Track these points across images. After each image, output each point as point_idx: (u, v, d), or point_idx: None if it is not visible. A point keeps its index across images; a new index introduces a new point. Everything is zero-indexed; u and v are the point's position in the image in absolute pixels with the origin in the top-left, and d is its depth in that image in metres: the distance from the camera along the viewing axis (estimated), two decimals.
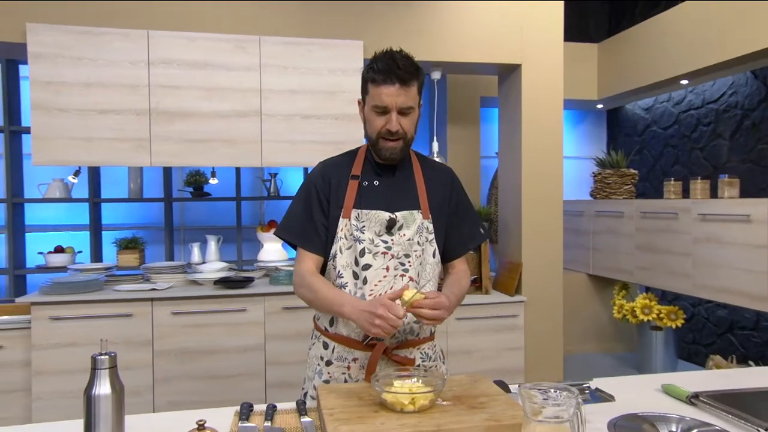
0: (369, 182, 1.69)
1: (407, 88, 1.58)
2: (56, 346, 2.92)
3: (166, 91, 3.13)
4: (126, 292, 3.03)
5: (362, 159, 1.73)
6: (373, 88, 1.60)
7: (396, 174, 1.71)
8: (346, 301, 1.53)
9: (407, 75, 1.57)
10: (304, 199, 1.71)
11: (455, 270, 1.79)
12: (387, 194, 1.68)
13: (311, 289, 1.61)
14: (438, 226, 1.72)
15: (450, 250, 1.78)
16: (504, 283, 3.73)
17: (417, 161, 1.78)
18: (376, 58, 1.60)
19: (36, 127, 2.99)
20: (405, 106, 1.59)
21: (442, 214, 1.74)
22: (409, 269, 1.65)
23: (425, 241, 1.69)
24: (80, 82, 3.03)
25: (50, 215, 4.11)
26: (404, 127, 1.62)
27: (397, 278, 1.64)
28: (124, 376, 3.03)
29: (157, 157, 3.13)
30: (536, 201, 3.63)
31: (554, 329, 3.68)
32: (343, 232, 1.65)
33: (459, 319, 3.47)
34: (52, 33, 2.99)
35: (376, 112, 1.60)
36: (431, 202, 1.72)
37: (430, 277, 1.69)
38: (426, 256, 1.69)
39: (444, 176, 1.79)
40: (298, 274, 1.66)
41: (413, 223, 1.67)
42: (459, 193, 1.80)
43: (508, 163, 3.82)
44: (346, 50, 3.32)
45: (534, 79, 3.60)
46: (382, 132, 1.61)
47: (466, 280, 1.76)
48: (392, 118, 1.59)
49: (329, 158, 1.78)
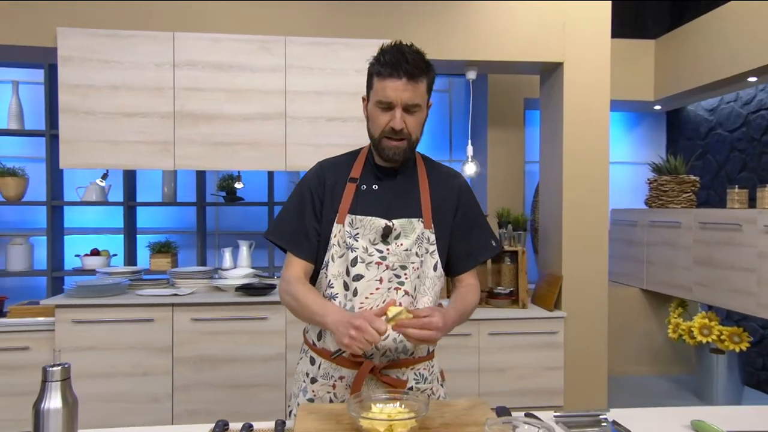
0: (368, 186, 1.59)
1: (415, 84, 1.47)
2: (78, 349, 2.96)
3: (191, 94, 3.14)
4: (147, 297, 3.04)
5: (363, 161, 1.63)
6: (378, 82, 1.50)
7: (398, 178, 1.60)
8: (331, 311, 1.43)
9: (416, 70, 1.47)
10: (297, 201, 1.62)
11: (462, 284, 1.66)
12: (386, 200, 1.58)
13: (295, 297, 1.52)
14: (441, 237, 1.60)
15: (457, 263, 1.65)
16: (543, 296, 3.53)
17: (423, 165, 1.66)
18: (383, 51, 1.50)
19: (64, 131, 3.05)
20: (411, 102, 1.48)
21: (447, 224, 1.62)
22: (405, 282, 1.53)
23: (425, 252, 1.57)
24: (107, 85, 3.08)
25: (90, 218, 4.22)
26: (409, 126, 1.51)
27: (392, 291, 1.52)
28: (143, 382, 3.07)
29: (181, 161, 3.14)
30: (579, 209, 3.41)
31: (598, 348, 3.45)
32: (336, 238, 1.56)
33: (492, 335, 3.30)
34: (81, 37, 3.05)
35: (380, 108, 1.50)
36: (435, 211, 1.60)
37: (428, 291, 1.57)
38: (425, 269, 1.57)
39: (451, 182, 1.66)
40: (284, 279, 1.58)
41: (412, 232, 1.55)
42: (468, 201, 1.67)
43: (548, 168, 3.62)
44: (373, 50, 3.19)
45: (577, 78, 3.40)
46: (386, 130, 1.50)
47: (472, 295, 1.62)
48: (396, 115, 1.48)
49: (328, 158, 1.69)
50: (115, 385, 2.99)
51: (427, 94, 1.53)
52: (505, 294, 3.47)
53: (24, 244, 3.89)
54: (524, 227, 3.56)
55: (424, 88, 1.50)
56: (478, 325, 3.29)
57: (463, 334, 3.26)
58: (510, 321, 3.33)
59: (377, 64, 1.49)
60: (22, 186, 3.86)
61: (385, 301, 1.51)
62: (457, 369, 3.27)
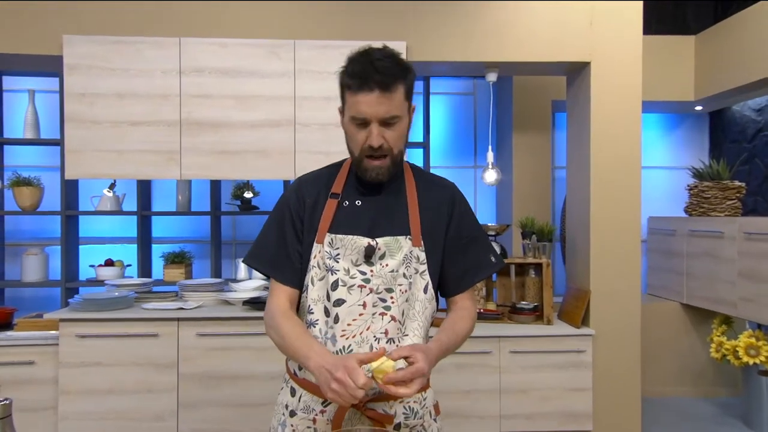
0: (350, 202, 1.48)
1: (389, 94, 1.35)
2: (82, 364, 2.94)
3: (198, 101, 3.09)
4: (152, 311, 3.00)
5: (345, 174, 1.52)
6: (349, 96, 1.38)
7: (383, 192, 1.49)
8: (314, 352, 1.31)
9: (389, 78, 1.34)
10: (277, 222, 1.52)
11: (456, 307, 1.53)
12: (369, 216, 1.46)
13: (279, 332, 1.41)
14: (433, 255, 1.48)
15: (451, 283, 1.52)
16: (569, 312, 3.35)
17: (411, 177, 1.54)
18: (350, 60, 1.38)
19: (69, 140, 3.04)
20: (388, 116, 1.36)
21: (439, 240, 1.49)
22: (392, 306, 1.41)
23: (414, 272, 1.45)
24: (113, 93, 3.05)
25: (106, 227, 4.23)
26: (389, 140, 1.39)
27: (376, 317, 1.41)
28: (147, 400, 3.02)
29: (188, 170, 3.09)
30: (608, 219, 3.23)
31: (630, 368, 3.25)
32: (316, 259, 1.45)
33: (514, 353, 3.14)
34: (87, 44, 3.04)
35: (356, 125, 1.39)
36: (425, 226, 1.48)
37: (418, 316, 1.45)
38: (414, 291, 1.45)
39: (443, 194, 1.54)
40: (267, 311, 1.48)
41: (398, 251, 1.43)
42: (463, 213, 1.54)
43: (575, 174, 3.45)
44: None
45: (605, 78, 3.22)
46: (365, 148, 1.39)
47: (465, 322, 1.49)
48: (373, 132, 1.37)
49: (309, 172, 1.59)
50: (119, 402, 2.95)
51: (407, 100, 1.42)
52: (529, 309, 3.30)
53: (39, 254, 3.91)
54: (549, 238, 3.39)
55: (402, 95, 1.38)
56: (498, 342, 3.14)
57: (482, 351, 3.12)
58: (534, 338, 3.17)
59: (346, 76, 1.38)
60: (38, 195, 3.89)
61: (369, 328, 1.40)
62: (476, 389, 3.12)
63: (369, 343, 1.39)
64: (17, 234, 4.18)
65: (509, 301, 3.45)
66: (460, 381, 3.12)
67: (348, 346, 1.39)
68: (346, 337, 1.40)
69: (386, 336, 1.40)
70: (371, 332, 1.40)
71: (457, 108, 4.53)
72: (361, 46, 1.40)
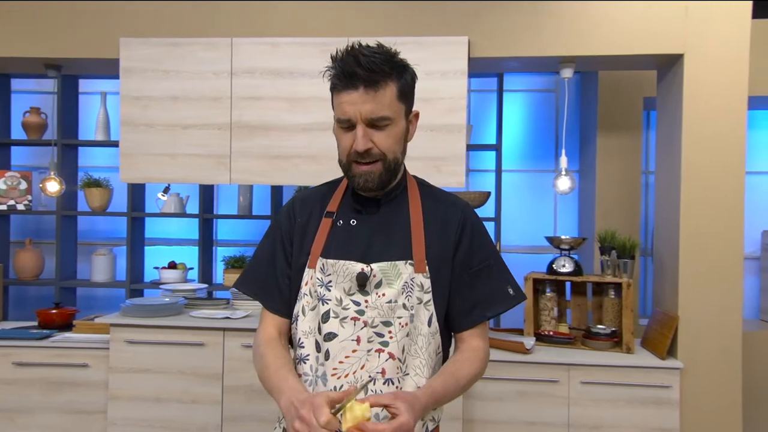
0: (345, 221, 1.34)
1: (376, 92, 1.23)
2: (130, 370, 2.98)
3: (248, 103, 3.05)
4: (199, 320, 2.99)
5: (342, 190, 1.38)
6: (335, 97, 1.29)
7: (381, 210, 1.33)
8: (288, 387, 1.20)
9: (374, 75, 1.23)
10: (268, 245, 1.42)
11: (463, 347, 1.34)
12: (364, 238, 1.31)
13: (261, 363, 1.31)
14: (439, 283, 1.30)
15: (458, 316, 1.34)
16: (654, 340, 3.01)
17: (417, 192, 1.37)
18: (336, 57, 1.28)
19: (124, 144, 3.10)
20: (375, 116, 1.23)
21: (446, 266, 1.32)
22: (390, 342, 1.26)
23: (417, 303, 1.28)
24: (166, 96, 3.08)
25: (173, 229, 4.34)
26: (379, 144, 1.25)
27: (372, 354, 1.26)
28: (191, 410, 3.01)
29: (237, 175, 3.06)
30: (702, 232, 2.86)
31: (728, 410, 2.87)
32: (308, 286, 1.32)
33: (586, 384, 2.86)
34: (143, 47, 3.08)
35: (342, 128, 1.27)
36: (431, 249, 1.31)
37: (421, 352, 1.28)
38: (417, 324, 1.28)
39: (452, 213, 1.36)
40: (254, 340, 1.38)
41: (397, 278, 1.27)
42: (474, 237, 1.35)
43: (664, 182, 3.10)
44: (447, 48, 2.94)
45: (701, 71, 2.86)
46: (352, 154, 1.26)
47: (470, 366, 1.30)
48: (358, 134, 1.24)
49: (308, 189, 1.48)
50: (165, 410, 2.97)
51: (402, 103, 1.26)
52: (606, 335, 3.00)
53: (107, 255, 4.06)
54: (632, 254, 3.06)
55: (392, 95, 1.24)
56: (568, 371, 2.87)
57: (549, 380, 2.86)
58: (610, 368, 2.86)
59: (332, 76, 1.28)
60: (107, 196, 4.03)
61: (363, 367, 1.25)
62: (541, 422, 2.86)
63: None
64: (90, 234, 4.37)
65: (584, 324, 3.16)
66: (523, 411, 2.88)
67: (340, 386, 1.25)
68: (338, 377, 1.26)
69: (383, 376, 1.25)
70: (366, 371, 1.25)
71: (537, 106, 4.24)
72: (350, 43, 1.26)
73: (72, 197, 4.12)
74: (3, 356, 3.06)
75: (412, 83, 1.35)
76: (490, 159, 4.00)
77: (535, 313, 3.14)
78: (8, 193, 4.02)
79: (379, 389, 1.24)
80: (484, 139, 4.07)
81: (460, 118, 2.94)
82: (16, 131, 4.18)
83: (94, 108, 4.18)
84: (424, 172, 3.06)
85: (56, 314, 3.32)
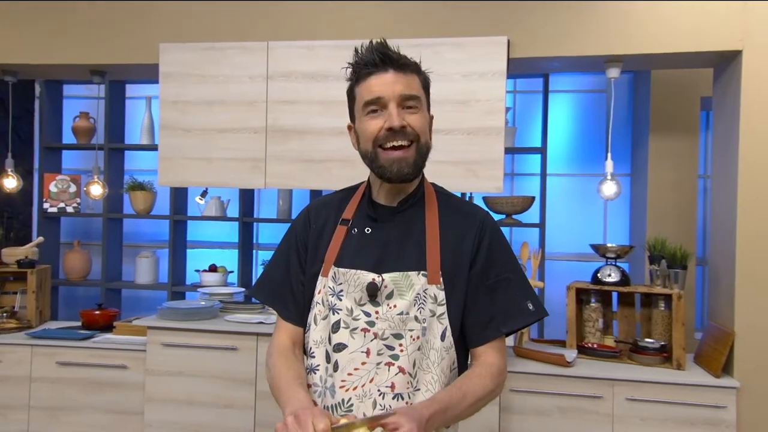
0: (359, 230, 1.31)
1: (405, 75, 1.26)
2: (166, 373, 3.03)
3: (283, 107, 3.06)
4: (233, 324, 3.02)
5: (359, 197, 1.35)
6: (361, 89, 1.29)
7: (396, 218, 1.30)
8: (293, 401, 1.17)
9: (404, 61, 1.27)
10: (283, 252, 1.41)
11: (478, 363, 1.28)
12: (378, 247, 1.28)
13: (272, 373, 1.29)
14: (455, 295, 1.26)
15: (473, 331, 1.29)
16: (707, 356, 2.84)
17: (434, 200, 1.33)
18: (357, 53, 1.32)
19: (163, 148, 3.16)
20: (407, 93, 1.25)
21: (463, 278, 1.27)
22: (400, 356, 1.22)
23: (430, 315, 1.24)
24: (203, 100, 3.12)
25: (215, 232, 4.41)
26: (413, 124, 1.25)
27: (381, 367, 1.22)
28: (224, 415, 3.04)
29: (272, 179, 3.08)
30: (760, 240, 2.69)
31: None
32: (321, 295, 1.30)
33: (632, 401, 2.73)
34: (181, 52, 3.14)
35: (370, 113, 1.25)
36: (446, 261, 1.26)
37: (433, 367, 1.23)
38: (430, 338, 1.24)
39: (470, 223, 1.31)
40: (268, 350, 1.36)
41: (409, 289, 1.23)
42: (493, 247, 1.30)
43: (720, 187, 2.93)
44: (485, 49, 2.87)
45: (761, 68, 2.69)
46: (380, 137, 1.24)
47: (481, 382, 1.24)
48: (392, 111, 1.23)
49: (324, 195, 1.46)
50: (199, 414, 3.00)
51: (425, 93, 1.27)
52: (655, 349, 2.86)
53: (150, 257, 4.17)
54: (684, 263, 2.91)
55: (419, 83, 1.27)
56: (612, 387, 2.74)
57: (592, 395, 2.74)
58: (658, 385, 2.72)
59: (353, 71, 1.30)
60: (151, 199, 4.14)
61: (372, 380, 1.21)
62: None
63: (372, 398, 1.21)
64: (136, 236, 4.50)
65: (631, 338, 3.02)
66: (564, 427, 2.77)
67: (348, 399, 1.22)
68: (346, 389, 1.22)
69: (392, 391, 1.21)
70: (375, 385, 1.21)
71: (586, 107, 4.10)
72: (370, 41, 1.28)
73: (118, 200, 4.25)
74: (47, 355, 3.17)
75: (428, 85, 1.36)
76: (535, 162, 3.89)
77: (578, 324, 3.03)
78: (59, 195, 4.19)
79: (389, 404, 1.21)
80: (529, 142, 3.96)
81: (499, 120, 2.86)
82: (68, 135, 4.34)
83: (140, 112, 4.29)
84: (460, 177, 3.04)
85: (99, 315, 3.42)
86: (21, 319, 3.44)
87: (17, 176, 3.61)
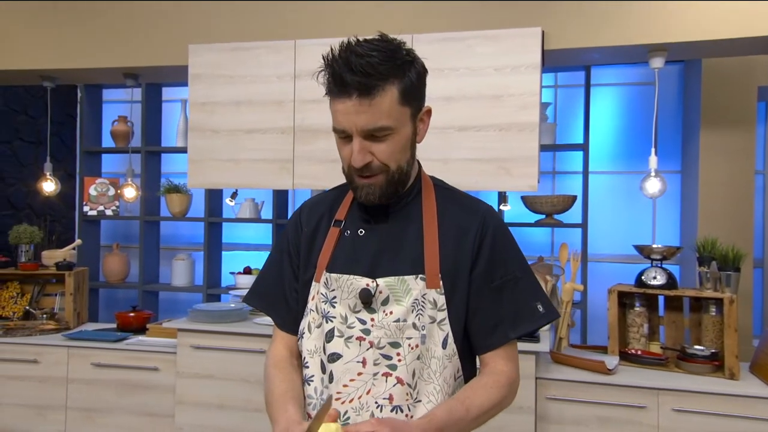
0: (352, 231, 1.27)
1: (372, 99, 1.12)
2: (196, 376, 3.06)
3: (311, 106, 3.06)
4: (261, 326, 3.03)
5: (351, 196, 1.31)
6: (331, 104, 1.21)
7: (390, 218, 1.25)
8: (283, 419, 1.15)
9: (370, 80, 1.12)
10: (276, 257, 1.38)
11: (486, 370, 1.22)
12: (372, 250, 1.23)
13: (267, 387, 1.28)
14: (456, 299, 1.20)
15: (479, 336, 1.23)
16: (764, 365, 2.68)
17: (433, 198, 1.27)
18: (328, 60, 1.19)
19: (192, 150, 3.20)
20: (372, 126, 1.14)
21: (463, 280, 1.21)
22: (398, 366, 1.17)
23: (429, 322, 1.19)
24: (231, 101, 3.15)
25: (251, 234, 4.45)
26: (380, 156, 1.16)
27: (378, 378, 1.17)
28: (253, 419, 3.05)
29: (300, 179, 3.07)
30: None
31: None
32: (314, 301, 1.26)
33: (679, 411, 2.60)
34: (209, 53, 3.17)
35: (340, 137, 1.19)
36: (446, 262, 1.20)
37: (434, 377, 1.18)
38: (430, 346, 1.18)
39: (472, 220, 1.24)
40: (265, 361, 1.34)
41: (406, 294, 1.18)
42: (498, 245, 1.23)
43: None
44: (518, 41, 2.79)
45: None
46: (352, 166, 1.19)
47: (488, 392, 1.18)
48: (354, 147, 1.16)
49: (316, 195, 1.42)
50: (228, 418, 3.02)
51: (408, 105, 1.16)
52: (704, 357, 2.71)
53: (186, 260, 4.24)
54: (736, 265, 2.75)
55: (393, 100, 1.13)
56: (657, 396, 2.62)
57: (635, 405, 2.63)
58: (708, 395, 2.58)
59: (326, 79, 1.19)
60: (186, 202, 4.21)
61: (369, 392, 1.17)
62: None
63: (369, 411, 1.16)
64: (173, 239, 4.59)
65: (679, 344, 2.88)
66: None
67: (344, 412, 1.18)
68: (342, 401, 1.18)
69: (391, 403, 1.16)
70: (372, 397, 1.17)
71: (632, 101, 3.95)
72: (345, 38, 1.18)
73: (155, 203, 4.34)
74: (83, 357, 3.25)
75: (419, 80, 1.22)
76: (577, 160, 3.77)
77: (622, 330, 2.91)
78: (98, 199, 4.30)
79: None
80: (570, 139, 3.84)
81: (533, 115, 2.77)
82: (107, 139, 4.46)
83: (176, 115, 4.38)
84: (492, 175, 2.96)
85: (133, 317, 3.49)
86: (60, 320, 3.55)
87: (56, 180, 3.73)
